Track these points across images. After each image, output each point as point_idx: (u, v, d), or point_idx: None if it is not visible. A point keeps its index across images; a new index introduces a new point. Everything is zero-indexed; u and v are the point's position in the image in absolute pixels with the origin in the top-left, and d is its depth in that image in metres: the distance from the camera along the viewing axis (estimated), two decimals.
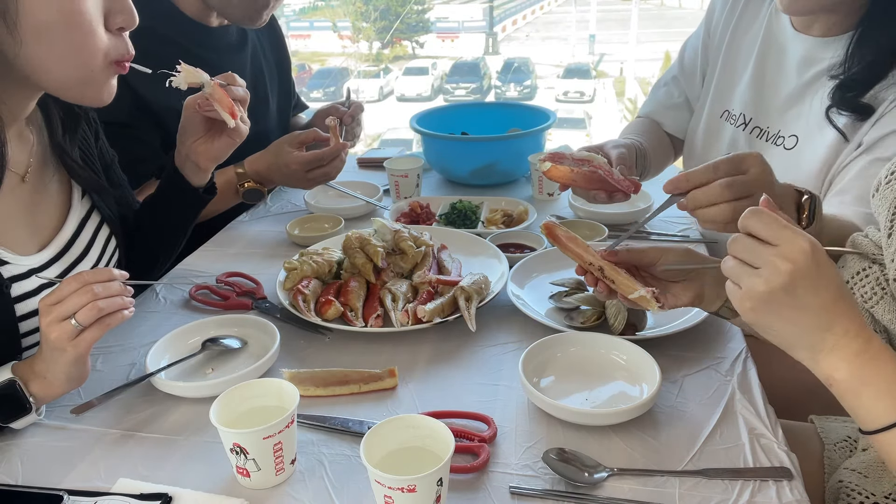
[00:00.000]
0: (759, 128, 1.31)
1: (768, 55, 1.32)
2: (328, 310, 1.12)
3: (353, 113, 1.73)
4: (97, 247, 1.10)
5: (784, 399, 1.11)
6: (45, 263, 1.00)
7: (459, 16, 22.79)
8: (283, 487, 0.81)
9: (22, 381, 0.87)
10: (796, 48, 1.26)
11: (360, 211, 1.60)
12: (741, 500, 0.77)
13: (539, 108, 1.87)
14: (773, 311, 0.69)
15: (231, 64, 1.59)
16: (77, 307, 0.84)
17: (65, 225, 1.06)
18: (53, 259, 1.02)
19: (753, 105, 1.33)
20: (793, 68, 1.26)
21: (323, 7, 22.80)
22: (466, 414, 0.91)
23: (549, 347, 1.00)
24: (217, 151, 1.18)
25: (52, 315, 0.84)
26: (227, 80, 1.12)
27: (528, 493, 0.79)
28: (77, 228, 1.07)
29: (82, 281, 0.86)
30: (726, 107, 1.39)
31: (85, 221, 1.09)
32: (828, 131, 1.18)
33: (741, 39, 1.38)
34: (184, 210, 1.27)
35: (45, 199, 1.04)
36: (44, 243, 1.02)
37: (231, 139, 1.16)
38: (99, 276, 0.87)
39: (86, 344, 0.85)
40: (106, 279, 0.87)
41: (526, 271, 1.26)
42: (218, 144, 1.17)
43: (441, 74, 19.08)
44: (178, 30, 1.49)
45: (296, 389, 0.84)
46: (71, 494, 0.80)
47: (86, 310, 0.84)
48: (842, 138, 1.16)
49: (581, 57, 20.44)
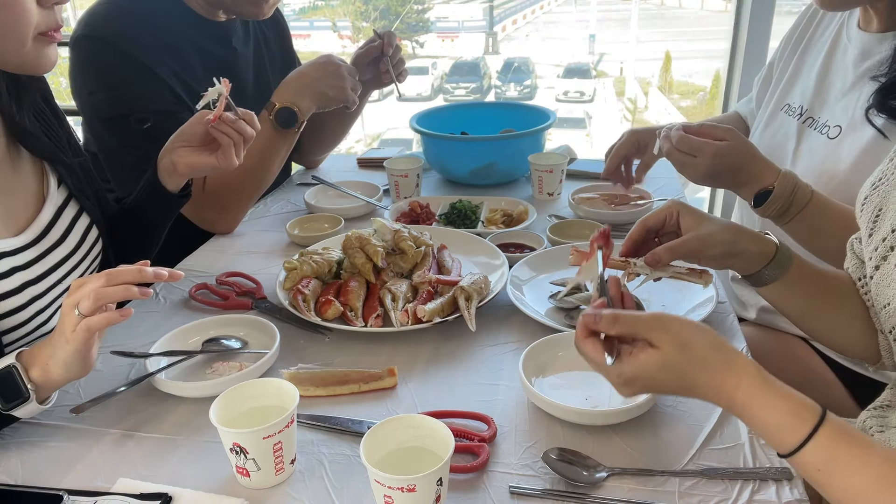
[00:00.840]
0: (811, 118, 1.34)
1: (835, 52, 1.35)
2: (328, 310, 1.12)
3: (391, 43, 1.67)
4: (76, 234, 1.10)
5: None
6: (20, 248, 1.00)
7: (459, 15, 22.79)
8: (283, 487, 0.81)
9: (25, 367, 0.85)
10: (857, 44, 1.28)
11: (359, 211, 1.60)
12: (741, 500, 0.77)
13: (539, 108, 1.87)
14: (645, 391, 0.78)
15: (238, 57, 1.59)
16: (83, 295, 0.83)
17: (42, 211, 1.05)
18: (30, 244, 1.02)
19: (812, 97, 1.36)
20: (850, 63, 1.29)
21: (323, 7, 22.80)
22: (466, 414, 0.91)
23: (549, 347, 1.00)
24: (199, 165, 1.16)
25: (70, 299, 0.84)
26: (247, 119, 1.14)
27: (528, 493, 0.79)
28: (54, 215, 1.07)
29: (108, 273, 0.85)
30: (787, 101, 1.43)
31: (63, 208, 1.09)
32: (868, 126, 1.20)
33: (816, 41, 1.42)
34: (160, 211, 1.24)
35: (16, 184, 1.04)
36: (20, 228, 1.02)
37: (217, 164, 1.15)
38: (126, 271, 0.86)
39: (83, 333, 0.83)
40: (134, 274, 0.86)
41: (526, 271, 1.26)
42: (202, 159, 1.15)
43: (441, 74, 19.08)
44: (188, 26, 1.49)
45: (296, 389, 0.84)
46: (71, 494, 0.79)
47: (86, 298, 0.83)
48: (881, 136, 1.17)
49: (581, 57, 20.42)
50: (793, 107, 1.40)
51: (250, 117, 1.16)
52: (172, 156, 1.16)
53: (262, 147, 1.44)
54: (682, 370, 0.71)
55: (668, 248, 0.93)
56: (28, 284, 1.00)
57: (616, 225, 1.46)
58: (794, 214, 1.12)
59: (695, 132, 1.18)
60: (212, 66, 1.51)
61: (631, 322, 0.73)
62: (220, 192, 1.44)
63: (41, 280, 1.02)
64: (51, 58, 0.97)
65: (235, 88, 1.59)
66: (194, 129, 1.15)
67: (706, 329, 0.73)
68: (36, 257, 1.02)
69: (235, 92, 1.59)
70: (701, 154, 1.16)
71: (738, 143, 1.16)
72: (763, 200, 1.13)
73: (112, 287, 0.84)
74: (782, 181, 1.11)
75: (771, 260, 0.93)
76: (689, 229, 0.94)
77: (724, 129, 1.17)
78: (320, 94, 1.48)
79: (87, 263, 1.12)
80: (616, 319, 0.73)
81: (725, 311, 1.13)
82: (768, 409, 0.68)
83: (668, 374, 0.71)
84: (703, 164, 1.16)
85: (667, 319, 0.73)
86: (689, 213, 0.96)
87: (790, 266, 0.94)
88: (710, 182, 1.24)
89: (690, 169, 1.19)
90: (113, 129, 1.39)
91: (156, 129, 1.35)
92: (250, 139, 1.16)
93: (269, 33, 1.73)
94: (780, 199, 1.11)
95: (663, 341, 0.71)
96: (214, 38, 1.54)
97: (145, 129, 1.36)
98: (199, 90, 1.48)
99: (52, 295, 1.04)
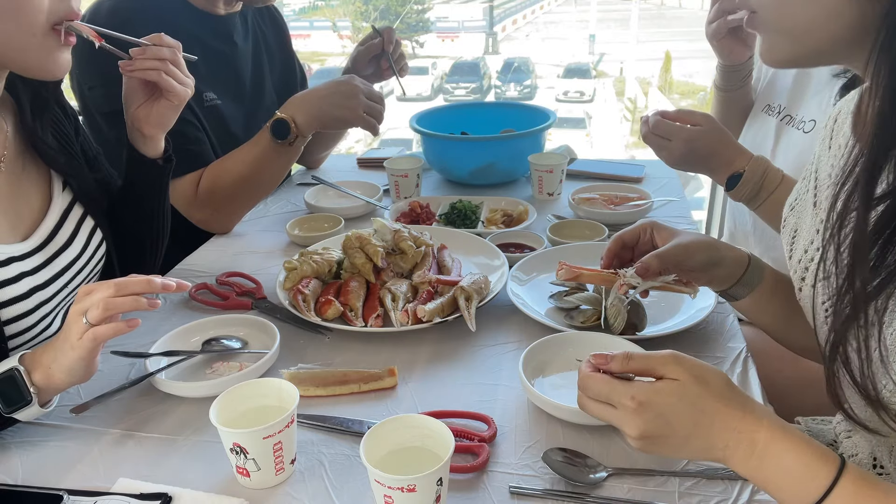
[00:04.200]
0: (790, 115, 1.37)
1: None
2: (328, 310, 1.12)
3: (391, 40, 1.66)
4: (81, 237, 1.09)
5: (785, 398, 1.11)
6: (28, 252, 1.00)
7: (459, 15, 22.80)
8: (283, 487, 0.81)
9: (27, 371, 0.85)
10: None
11: (359, 211, 1.60)
12: (741, 499, 0.77)
13: (539, 108, 1.87)
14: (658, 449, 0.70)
15: (238, 52, 1.59)
16: (92, 303, 0.83)
17: (47, 215, 1.05)
18: (36, 249, 1.01)
19: (790, 96, 1.39)
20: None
21: (323, 7, 22.81)
22: (466, 414, 0.91)
23: (549, 347, 1.00)
24: (158, 117, 1.14)
25: (78, 306, 0.84)
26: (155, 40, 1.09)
27: (528, 493, 0.79)
28: (60, 219, 1.07)
29: (117, 283, 0.84)
30: (768, 101, 1.45)
31: (68, 212, 1.09)
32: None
33: None
34: (148, 185, 1.22)
35: (24, 189, 1.03)
36: (26, 233, 1.02)
37: (170, 101, 1.12)
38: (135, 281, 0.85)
39: (90, 342, 0.83)
40: (143, 284, 0.85)
41: (526, 271, 1.26)
42: (158, 109, 1.13)
43: (441, 74, 19.09)
44: (189, 20, 1.50)
45: (296, 389, 0.84)
46: (71, 494, 0.79)
47: (94, 307, 0.82)
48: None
49: (581, 57, 20.44)
50: (773, 107, 1.43)
51: (157, 38, 1.10)
52: (135, 123, 1.14)
53: (257, 156, 1.43)
54: (701, 400, 0.67)
55: (657, 255, 0.94)
56: (36, 290, 1.00)
57: (616, 225, 1.46)
58: (764, 198, 1.16)
59: (672, 117, 1.23)
60: (212, 61, 1.52)
61: (644, 358, 0.70)
62: (212, 192, 1.44)
63: (49, 285, 1.02)
64: (64, 63, 0.93)
65: (235, 83, 1.60)
66: (131, 85, 1.13)
67: (719, 370, 0.70)
68: (43, 262, 1.02)
69: (235, 86, 1.60)
70: (675, 138, 1.22)
71: (712, 129, 1.20)
72: (735, 184, 1.18)
73: (121, 297, 0.84)
74: (753, 165, 1.16)
75: (746, 267, 0.94)
76: (666, 242, 0.97)
77: (701, 114, 1.22)
78: (324, 113, 1.44)
79: (92, 267, 1.12)
80: (630, 357, 0.70)
81: (726, 311, 1.13)
82: (795, 451, 0.64)
83: (685, 404, 0.67)
84: (676, 147, 1.22)
85: (680, 356, 0.70)
86: (663, 229, 0.99)
87: (764, 273, 0.95)
88: (684, 166, 1.29)
89: (665, 152, 1.24)
90: (111, 123, 1.39)
91: None
92: (172, 56, 1.10)
93: (269, 31, 1.73)
94: (751, 182, 1.16)
95: (679, 373, 0.68)
96: (215, 33, 1.54)
97: None
98: (199, 85, 1.48)
99: (58, 300, 1.04)
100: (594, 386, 0.71)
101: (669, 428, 0.67)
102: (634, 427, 0.68)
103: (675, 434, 0.67)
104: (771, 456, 0.65)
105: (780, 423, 0.66)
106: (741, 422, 0.66)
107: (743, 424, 0.66)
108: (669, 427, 0.67)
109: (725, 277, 0.95)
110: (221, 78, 1.55)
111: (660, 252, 0.94)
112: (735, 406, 0.67)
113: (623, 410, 0.68)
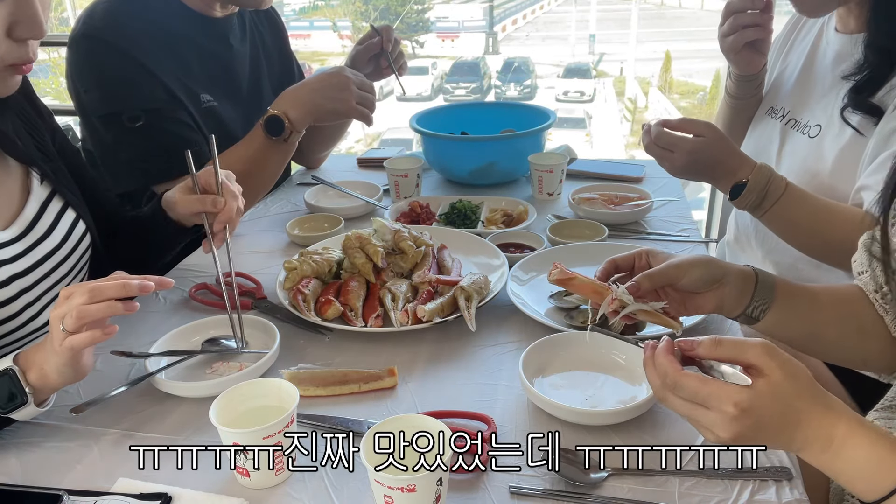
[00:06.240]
0: (794, 119, 1.36)
1: (815, 54, 1.37)
2: (328, 310, 1.12)
3: (389, 38, 1.65)
4: (62, 228, 1.10)
5: None
6: (7, 242, 1.01)
7: (459, 15, 22.80)
8: (283, 487, 0.81)
9: (22, 370, 0.85)
10: (835, 46, 1.31)
11: (359, 211, 1.60)
12: (741, 499, 0.77)
13: (539, 108, 1.87)
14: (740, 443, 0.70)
15: (234, 55, 1.59)
16: (68, 310, 0.82)
17: (26, 205, 1.06)
18: (16, 238, 1.02)
19: (794, 99, 1.38)
20: (829, 64, 1.31)
21: (323, 7, 22.81)
22: (466, 414, 0.91)
23: (549, 347, 1.00)
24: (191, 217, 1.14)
25: (57, 311, 0.83)
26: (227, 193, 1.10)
27: (528, 493, 0.79)
28: (39, 209, 1.07)
29: (91, 288, 0.83)
30: (772, 104, 1.45)
31: (47, 204, 1.09)
32: (847, 126, 1.22)
33: (798, 44, 1.44)
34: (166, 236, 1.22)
35: (1, 181, 1.04)
36: (6, 223, 1.03)
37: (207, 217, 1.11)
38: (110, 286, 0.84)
39: (68, 351, 0.82)
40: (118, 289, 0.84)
41: (526, 271, 1.26)
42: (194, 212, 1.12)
43: (441, 74, 19.08)
44: (186, 23, 1.49)
45: (296, 389, 0.84)
46: (71, 494, 0.79)
47: (69, 315, 0.81)
48: (858, 134, 1.19)
49: (581, 57, 20.44)
50: (776, 109, 1.43)
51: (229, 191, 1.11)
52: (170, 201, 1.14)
53: (253, 154, 1.43)
54: (792, 399, 0.67)
55: (646, 275, 0.91)
56: (16, 277, 1.01)
57: (616, 225, 1.47)
58: (768, 207, 1.15)
59: (674, 127, 1.22)
60: (209, 64, 1.51)
61: (734, 345, 0.69)
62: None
63: (29, 273, 1.03)
64: (14, 84, 0.97)
65: (232, 85, 1.60)
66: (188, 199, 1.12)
67: (800, 363, 0.70)
68: (23, 251, 1.03)
69: (232, 88, 1.60)
70: (677, 149, 1.21)
71: (715, 139, 1.19)
72: (738, 193, 1.17)
73: (95, 305, 0.82)
74: (756, 174, 1.15)
75: (756, 279, 0.90)
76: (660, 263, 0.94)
77: (704, 124, 1.21)
78: (317, 106, 1.43)
79: (76, 258, 1.12)
80: (719, 343, 0.70)
81: None
82: (870, 447, 0.65)
83: (780, 406, 0.67)
84: (679, 159, 1.21)
85: (772, 347, 0.68)
86: (659, 254, 0.97)
87: (775, 285, 0.91)
88: (688, 176, 1.29)
89: (668, 163, 1.24)
90: (107, 126, 1.39)
91: (147, 127, 1.36)
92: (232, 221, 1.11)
93: (266, 32, 1.73)
94: (755, 191, 1.15)
95: (772, 368, 0.67)
96: (212, 35, 1.54)
97: (137, 126, 1.37)
98: (195, 88, 1.48)
99: (41, 288, 1.05)
100: (690, 386, 0.69)
101: (762, 430, 0.67)
102: (729, 430, 0.67)
103: (764, 434, 0.68)
104: (846, 450, 0.66)
105: (857, 419, 0.67)
106: (823, 418, 0.67)
107: (824, 420, 0.67)
108: (762, 429, 0.67)
109: (737, 295, 0.90)
110: (218, 80, 1.55)
111: (650, 272, 0.91)
112: (819, 403, 0.68)
113: (719, 414, 0.67)
